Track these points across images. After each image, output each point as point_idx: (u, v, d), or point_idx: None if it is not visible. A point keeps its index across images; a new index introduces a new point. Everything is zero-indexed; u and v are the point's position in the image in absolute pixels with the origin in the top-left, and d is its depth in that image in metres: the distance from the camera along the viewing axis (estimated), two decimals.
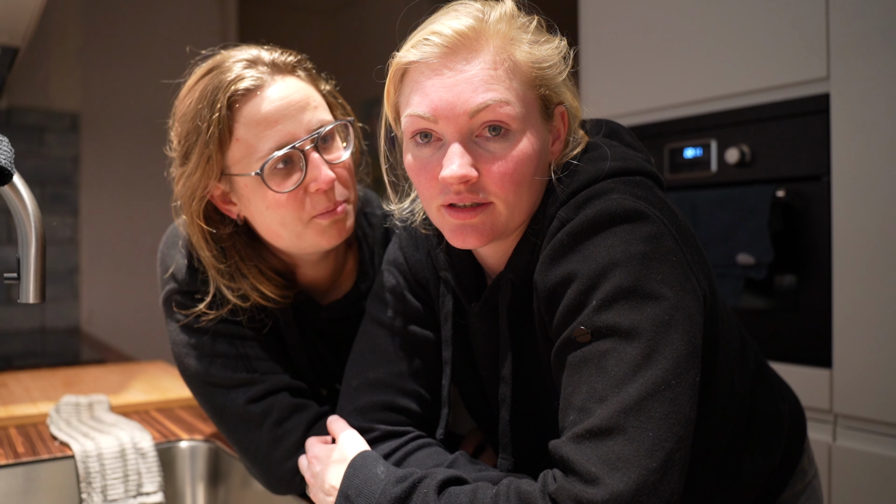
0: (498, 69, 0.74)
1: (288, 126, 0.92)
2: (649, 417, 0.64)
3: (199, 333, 1.00)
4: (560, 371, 0.73)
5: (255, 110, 0.92)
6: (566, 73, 0.81)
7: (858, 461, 1.46)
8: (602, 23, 2.01)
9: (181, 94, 0.98)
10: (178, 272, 1.01)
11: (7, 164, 0.80)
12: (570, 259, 0.72)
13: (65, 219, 3.00)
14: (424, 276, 0.94)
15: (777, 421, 0.93)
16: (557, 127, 0.81)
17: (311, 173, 0.93)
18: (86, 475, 1.11)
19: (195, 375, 1.00)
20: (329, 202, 0.95)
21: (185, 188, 0.95)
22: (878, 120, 1.44)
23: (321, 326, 1.10)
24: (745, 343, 0.91)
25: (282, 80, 0.95)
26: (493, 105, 0.73)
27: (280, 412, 0.96)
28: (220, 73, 0.93)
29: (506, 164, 0.74)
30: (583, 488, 0.63)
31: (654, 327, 0.67)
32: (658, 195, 0.78)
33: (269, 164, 0.91)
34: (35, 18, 1.61)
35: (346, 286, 1.11)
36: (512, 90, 0.74)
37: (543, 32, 0.80)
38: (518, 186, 0.75)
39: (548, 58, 0.77)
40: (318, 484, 0.86)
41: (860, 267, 1.46)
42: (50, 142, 2.97)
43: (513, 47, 0.75)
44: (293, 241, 0.97)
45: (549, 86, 0.78)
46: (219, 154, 0.92)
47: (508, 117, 0.73)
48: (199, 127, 0.92)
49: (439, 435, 0.91)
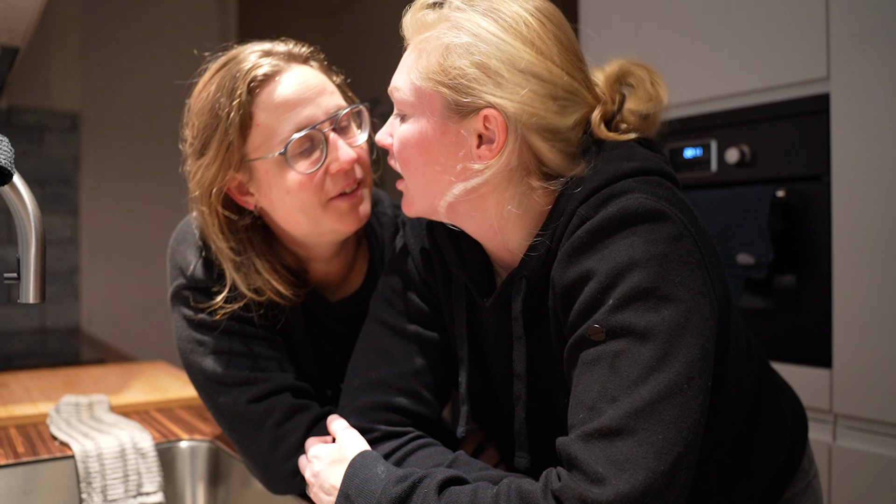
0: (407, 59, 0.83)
1: (307, 109, 0.95)
2: (660, 420, 0.64)
3: (205, 330, 1.00)
4: (572, 368, 0.73)
5: (275, 94, 0.94)
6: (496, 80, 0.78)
7: (858, 461, 1.46)
8: (602, 23, 2.01)
9: (196, 90, 0.99)
10: (187, 268, 1.01)
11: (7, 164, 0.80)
12: (588, 257, 0.72)
13: (65, 219, 3.00)
14: (431, 274, 0.94)
15: (780, 422, 0.93)
16: (480, 130, 0.79)
17: (331, 153, 0.95)
18: (86, 475, 1.11)
19: (199, 371, 1.00)
20: (348, 181, 0.97)
21: (202, 179, 0.96)
22: (878, 120, 1.44)
23: (329, 324, 1.10)
24: (750, 344, 0.91)
25: (298, 68, 0.97)
26: (391, 88, 0.85)
27: (282, 412, 0.96)
28: (237, 64, 0.95)
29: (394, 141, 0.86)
30: (588, 488, 0.63)
31: (670, 330, 0.67)
32: (678, 196, 0.77)
33: (292, 144, 0.93)
34: (35, 18, 1.61)
35: (355, 284, 1.11)
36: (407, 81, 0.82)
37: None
38: (405, 164, 0.84)
39: (454, 65, 0.77)
40: (319, 483, 0.86)
41: (860, 267, 1.46)
42: (50, 142, 2.96)
43: (426, 45, 0.80)
44: (311, 227, 0.97)
45: (459, 89, 0.77)
46: (239, 139, 0.94)
47: (398, 102, 0.84)
48: (218, 116, 0.94)
49: (460, 433, 0.91)
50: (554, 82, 0.77)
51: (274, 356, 1.01)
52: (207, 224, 0.98)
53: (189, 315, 1.01)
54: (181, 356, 1.03)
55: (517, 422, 0.85)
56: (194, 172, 0.98)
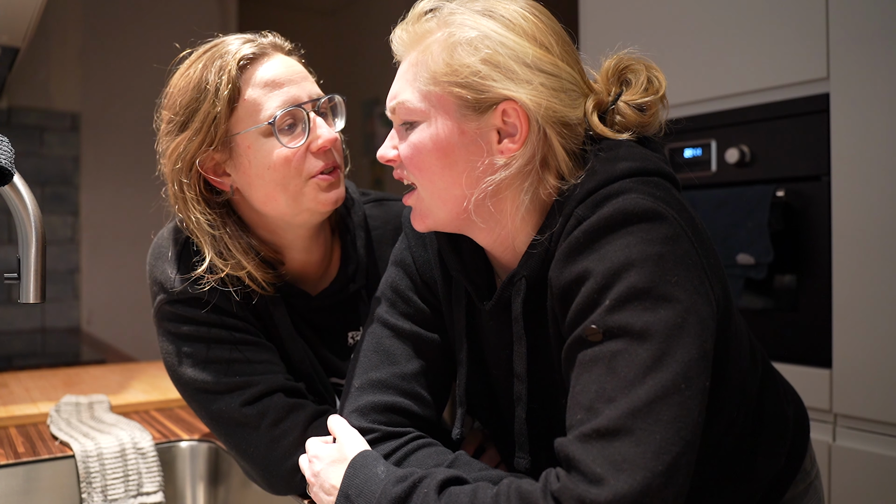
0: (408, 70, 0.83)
1: (293, 90, 0.98)
2: (657, 420, 0.64)
3: (190, 341, 1.00)
4: (570, 369, 0.73)
5: (263, 72, 0.98)
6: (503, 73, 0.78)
7: (858, 461, 1.46)
8: (602, 23, 2.01)
9: (178, 72, 1.01)
10: (166, 282, 1.01)
11: (7, 164, 0.80)
12: (585, 257, 0.72)
13: (65, 219, 3.00)
14: (432, 276, 0.94)
15: (783, 423, 0.93)
16: (498, 124, 0.79)
17: (313, 132, 0.98)
18: (86, 475, 1.11)
19: (188, 383, 1.00)
20: (328, 161, 0.99)
21: (185, 152, 0.97)
22: (878, 120, 1.44)
23: (313, 318, 1.10)
24: (753, 346, 0.91)
25: (282, 56, 1.02)
26: (393, 104, 0.85)
27: (276, 413, 0.96)
28: (224, 47, 0.99)
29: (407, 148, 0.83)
30: (587, 488, 0.63)
31: (667, 330, 0.67)
32: (676, 196, 0.77)
33: (278, 119, 0.96)
34: (35, 18, 1.62)
35: (333, 274, 1.12)
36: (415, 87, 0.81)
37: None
38: (421, 171, 0.82)
39: (463, 63, 0.78)
40: (319, 483, 0.86)
41: (860, 267, 1.46)
42: (50, 142, 2.96)
43: (428, 50, 0.80)
44: (289, 205, 0.98)
45: (473, 86, 0.78)
46: (227, 112, 0.96)
47: (406, 111, 0.82)
48: (205, 90, 0.96)
49: (456, 435, 0.91)
50: (560, 75, 0.79)
51: (263, 359, 1.01)
52: (187, 199, 0.99)
53: (173, 329, 1.01)
54: (169, 371, 1.03)
55: (517, 422, 0.85)
56: (175, 147, 0.98)
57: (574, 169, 0.79)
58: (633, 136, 0.83)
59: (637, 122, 0.83)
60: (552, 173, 0.80)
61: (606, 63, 0.87)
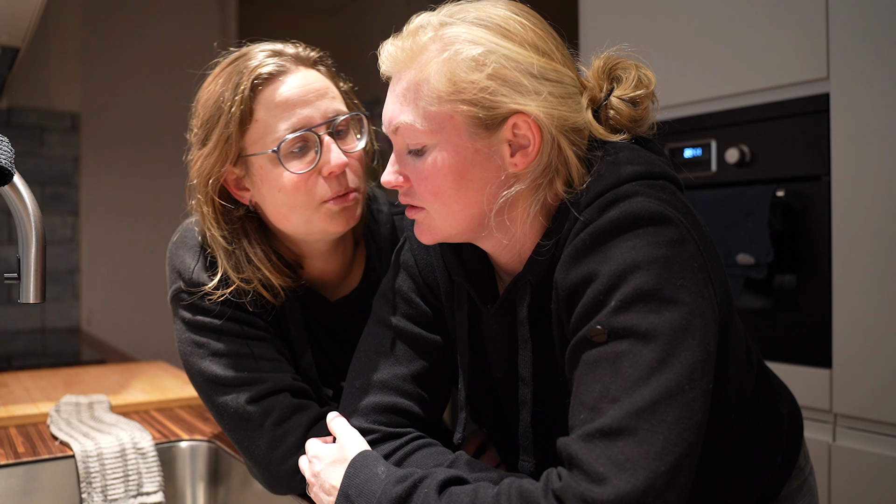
0: (408, 90, 0.80)
1: (306, 111, 0.96)
2: (661, 421, 0.64)
3: (204, 332, 1.01)
4: (574, 369, 0.73)
5: (276, 93, 0.96)
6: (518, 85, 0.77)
7: (858, 461, 1.46)
8: (602, 23, 2.01)
9: (205, 82, 1.02)
10: (185, 271, 1.02)
11: (7, 164, 0.80)
12: (591, 259, 0.72)
13: (65, 219, 3.00)
14: (434, 278, 0.94)
15: (778, 422, 0.93)
16: (508, 137, 0.78)
17: (324, 156, 0.96)
18: (86, 475, 1.11)
19: (199, 373, 1.01)
20: (340, 186, 0.98)
21: (202, 168, 0.98)
22: (878, 120, 1.44)
23: (330, 323, 1.10)
24: (749, 347, 0.91)
25: (304, 70, 0.99)
26: (394, 125, 0.81)
27: (280, 412, 0.97)
28: (245, 61, 0.98)
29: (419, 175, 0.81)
30: (589, 487, 0.63)
31: (671, 331, 0.67)
32: (681, 200, 0.77)
33: (286, 144, 0.95)
34: (35, 18, 1.61)
35: (354, 282, 1.12)
36: (418, 108, 0.78)
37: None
38: (436, 196, 0.80)
39: (469, 80, 0.76)
40: (319, 483, 0.86)
41: (860, 267, 1.46)
42: (50, 142, 2.96)
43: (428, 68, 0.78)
44: (302, 226, 0.99)
45: (482, 103, 0.76)
46: (238, 133, 0.96)
47: (413, 135, 0.79)
48: (221, 109, 0.96)
49: (457, 439, 0.91)
50: (563, 81, 0.78)
51: (273, 357, 1.02)
52: (203, 213, 1.00)
53: (188, 318, 1.01)
54: (182, 358, 1.04)
55: (522, 426, 0.86)
56: (195, 161, 1.00)
57: (583, 174, 0.79)
58: (627, 136, 0.83)
59: (629, 117, 0.83)
60: (562, 179, 0.79)
61: (597, 61, 0.87)
